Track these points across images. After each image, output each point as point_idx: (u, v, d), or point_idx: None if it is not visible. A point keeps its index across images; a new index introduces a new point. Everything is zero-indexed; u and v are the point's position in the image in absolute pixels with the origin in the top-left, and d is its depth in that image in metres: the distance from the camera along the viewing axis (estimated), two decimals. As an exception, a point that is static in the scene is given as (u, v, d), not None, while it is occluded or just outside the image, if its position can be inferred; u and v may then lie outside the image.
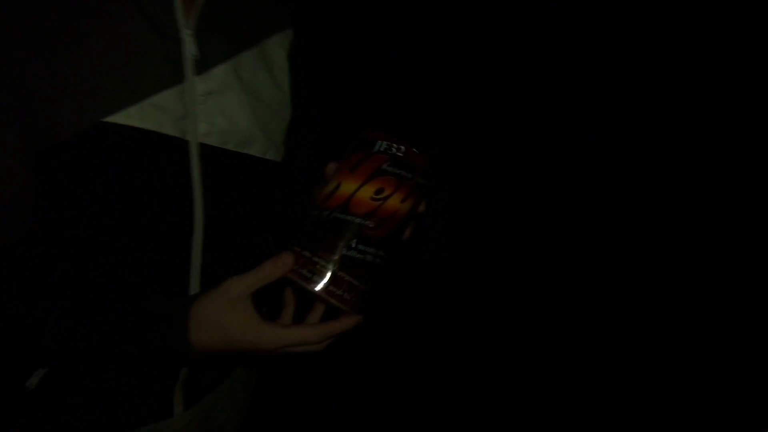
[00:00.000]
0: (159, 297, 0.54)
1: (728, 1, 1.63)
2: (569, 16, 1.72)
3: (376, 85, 1.81)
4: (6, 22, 0.53)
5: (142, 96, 0.57)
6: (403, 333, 1.54)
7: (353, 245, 0.53)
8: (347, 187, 0.54)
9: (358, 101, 2.00)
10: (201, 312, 0.52)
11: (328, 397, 1.41)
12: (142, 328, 0.53)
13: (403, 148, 0.55)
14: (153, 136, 0.57)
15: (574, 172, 1.78)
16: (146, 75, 0.57)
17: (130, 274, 0.61)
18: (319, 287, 0.52)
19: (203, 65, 0.62)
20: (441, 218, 2.39)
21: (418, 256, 2.34)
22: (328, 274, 0.52)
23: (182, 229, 0.64)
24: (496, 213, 1.75)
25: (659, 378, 1.43)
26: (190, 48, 0.61)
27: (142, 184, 0.58)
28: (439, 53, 1.81)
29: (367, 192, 0.53)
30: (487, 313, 1.60)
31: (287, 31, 0.73)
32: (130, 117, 0.56)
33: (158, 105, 0.58)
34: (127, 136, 0.56)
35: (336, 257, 0.52)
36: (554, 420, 1.40)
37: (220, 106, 0.63)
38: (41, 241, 0.58)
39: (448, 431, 1.42)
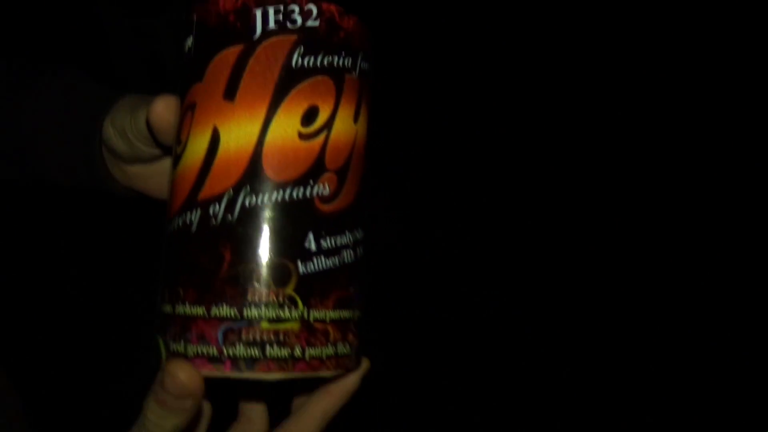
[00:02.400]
0: None
1: (728, 1, 1.64)
2: (568, 16, 1.75)
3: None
4: None
5: None
6: (398, 334, 1.51)
7: (311, 247, 0.25)
8: (238, 133, 0.25)
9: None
10: None
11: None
12: None
13: (312, 7, 0.26)
14: None
15: (573, 172, 1.81)
16: None
17: None
18: (284, 368, 0.24)
19: None
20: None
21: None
22: (294, 330, 0.25)
23: None
24: (495, 213, 1.79)
25: (659, 378, 1.46)
26: None
27: None
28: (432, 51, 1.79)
29: (287, 127, 0.25)
30: (487, 313, 1.62)
31: None
32: None
33: None
34: None
35: (290, 287, 0.25)
36: (554, 420, 1.41)
37: None
38: None
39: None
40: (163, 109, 0.29)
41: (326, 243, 0.26)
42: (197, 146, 0.26)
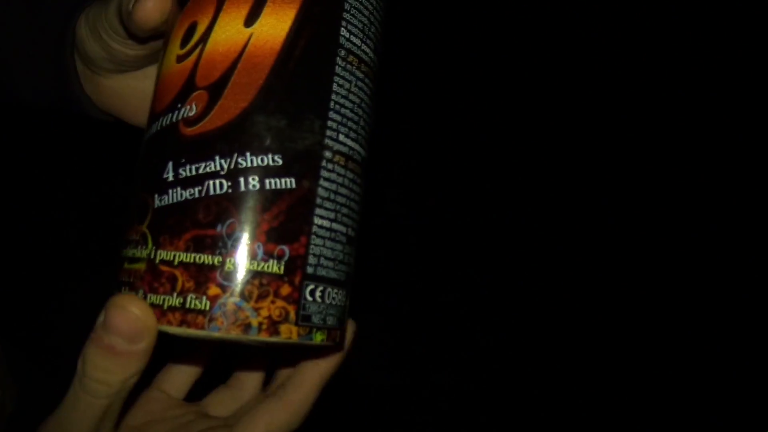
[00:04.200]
0: None
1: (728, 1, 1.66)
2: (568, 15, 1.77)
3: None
4: None
5: None
6: (395, 336, 1.48)
7: (168, 177, 0.21)
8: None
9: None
10: None
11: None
12: None
13: None
14: None
15: (572, 173, 1.74)
16: None
17: None
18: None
19: None
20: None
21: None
22: (140, 272, 0.21)
23: None
24: (495, 213, 1.73)
25: (659, 378, 1.43)
26: None
27: None
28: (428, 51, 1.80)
29: (170, 54, 0.23)
30: (487, 315, 1.58)
31: None
32: None
33: None
34: None
35: (145, 224, 0.22)
36: (554, 420, 1.40)
37: None
38: None
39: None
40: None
41: (185, 171, 0.21)
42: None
